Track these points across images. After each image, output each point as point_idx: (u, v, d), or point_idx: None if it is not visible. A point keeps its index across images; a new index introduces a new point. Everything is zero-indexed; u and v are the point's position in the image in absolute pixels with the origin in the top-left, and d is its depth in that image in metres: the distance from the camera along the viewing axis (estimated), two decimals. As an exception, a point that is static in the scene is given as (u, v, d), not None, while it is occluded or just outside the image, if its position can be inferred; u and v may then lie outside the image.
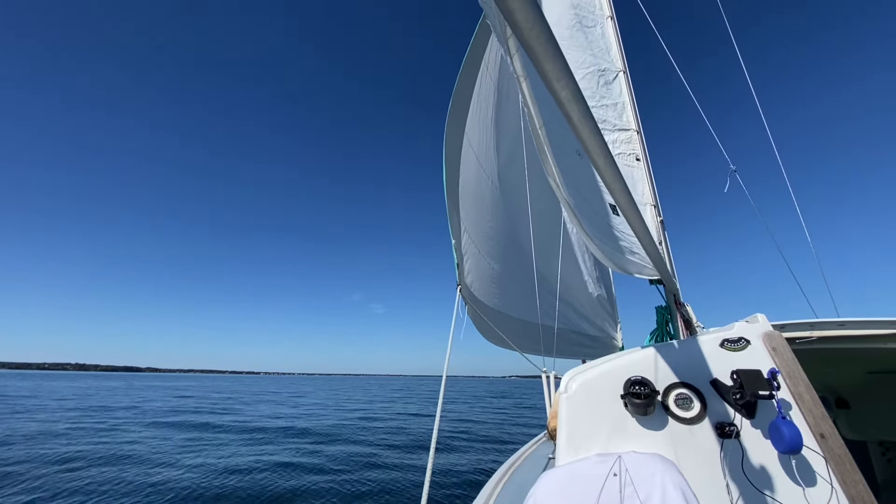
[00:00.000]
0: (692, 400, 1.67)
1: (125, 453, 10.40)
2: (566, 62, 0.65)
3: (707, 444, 1.60)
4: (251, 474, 8.67)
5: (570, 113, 0.75)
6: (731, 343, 1.82)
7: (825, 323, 2.15)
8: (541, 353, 5.45)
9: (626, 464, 1.43)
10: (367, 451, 11.74)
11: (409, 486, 8.14)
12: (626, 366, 1.80)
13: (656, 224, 2.93)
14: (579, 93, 0.71)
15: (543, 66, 0.64)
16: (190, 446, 11.75)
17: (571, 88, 0.69)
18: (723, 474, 1.53)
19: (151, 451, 10.80)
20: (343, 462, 10.11)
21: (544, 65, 0.63)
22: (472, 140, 5.10)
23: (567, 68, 0.66)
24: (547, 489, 1.41)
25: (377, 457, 10.91)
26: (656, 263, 2.16)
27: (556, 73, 0.66)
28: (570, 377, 1.84)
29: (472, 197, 5.23)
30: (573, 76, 0.68)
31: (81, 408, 22.55)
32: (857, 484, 1.46)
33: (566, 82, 0.68)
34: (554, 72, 0.65)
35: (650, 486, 1.32)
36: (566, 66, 0.65)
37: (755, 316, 1.98)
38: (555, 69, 0.65)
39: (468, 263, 5.21)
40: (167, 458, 10.09)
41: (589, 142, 0.86)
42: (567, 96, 0.71)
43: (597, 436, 1.67)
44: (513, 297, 5.73)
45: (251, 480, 8.21)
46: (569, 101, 0.72)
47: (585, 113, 0.76)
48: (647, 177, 3.04)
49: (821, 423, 1.59)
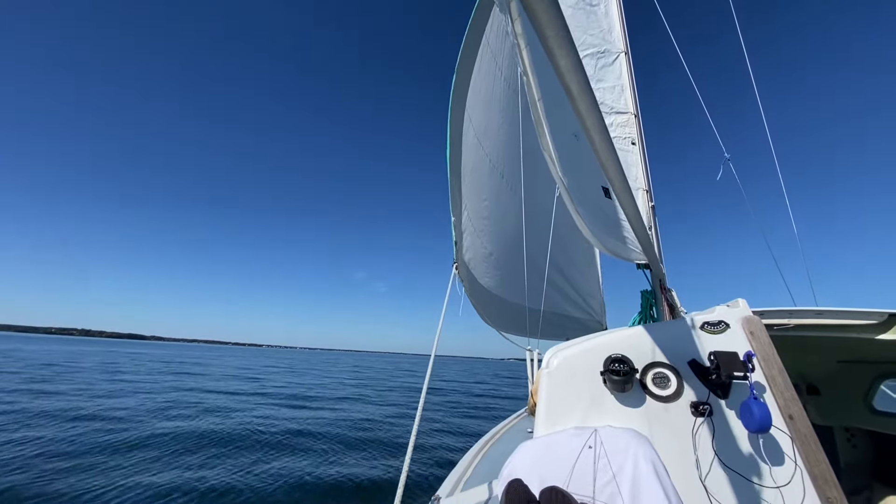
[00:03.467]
0: (669, 379, 1.73)
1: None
2: (568, 30, 0.64)
3: (681, 422, 1.66)
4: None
5: (570, 84, 0.74)
6: (710, 326, 1.87)
7: (803, 311, 2.22)
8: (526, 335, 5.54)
9: (601, 437, 1.48)
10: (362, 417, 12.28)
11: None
12: (608, 344, 1.85)
13: (647, 209, 2.95)
14: (580, 63, 0.70)
15: (545, 32, 0.62)
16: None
17: (572, 58, 0.68)
18: (693, 450, 1.59)
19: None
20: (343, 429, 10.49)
21: (546, 30, 0.62)
22: (472, 117, 5.04)
23: (569, 36, 0.65)
24: (524, 459, 1.46)
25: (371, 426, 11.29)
26: (645, 248, 2.18)
27: (557, 39, 0.64)
28: (553, 353, 1.88)
29: (470, 175, 5.20)
30: (574, 45, 0.67)
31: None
32: (820, 463, 1.53)
33: (567, 50, 0.67)
34: (556, 38, 0.64)
35: (623, 459, 1.37)
36: (568, 33, 0.64)
37: (736, 301, 2.03)
38: (557, 36, 0.64)
39: (466, 241, 5.22)
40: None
41: (587, 116, 0.86)
42: (567, 66, 0.70)
43: (575, 410, 1.72)
44: (504, 278, 5.77)
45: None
46: (568, 72, 0.71)
47: (585, 85, 0.75)
48: (641, 161, 3.04)
49: (790, 405, 1.66)
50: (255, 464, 7.35)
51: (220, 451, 7.99)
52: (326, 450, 8.66)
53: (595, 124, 0.91)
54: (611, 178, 1.24)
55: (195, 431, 9.32)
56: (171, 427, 9.60)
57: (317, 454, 8.29)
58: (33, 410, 10.66)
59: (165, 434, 8.87)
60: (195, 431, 9.32)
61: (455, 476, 2.46)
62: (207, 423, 10.34)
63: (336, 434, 10.14)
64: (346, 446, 9.07)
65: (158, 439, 8.46)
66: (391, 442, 9.74)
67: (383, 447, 9.24)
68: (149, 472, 6.52)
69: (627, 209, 1.45)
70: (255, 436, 9.39)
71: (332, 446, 8.99)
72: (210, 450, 8.00)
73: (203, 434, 9.13)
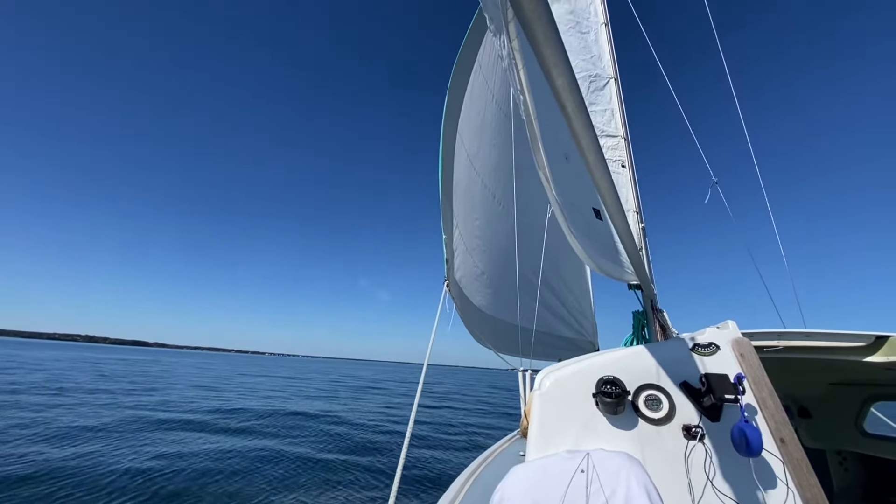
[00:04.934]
0: (661, 401, 1.71)
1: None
2: (564, 48, 0.65)
3: (673, 445, 1.63)
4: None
5: (566, 103, 0.75)
6: (701, 348, 1.87)
7: (792, 333, 2.23)
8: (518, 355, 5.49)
9: (593, 461, 1.45)
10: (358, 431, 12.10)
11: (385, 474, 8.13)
12: (600, 366, 1.83)
13: (638, 230, 2.98)
14: (575, 83, 0.72)
15: (542, 51, 0.64)
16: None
17: (568, 76, 0.69)
18: (686, 474, 1.57)
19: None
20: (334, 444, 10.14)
21: (543, 49, 0.63)
22: (464, 138, 5.12)
23: (565, 55, 0.66)
24: (515, 483, 1.42)
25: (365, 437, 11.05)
26: (636, 268, 2.19)
27: (554, 58, 0.66)
28: (545, 375, 1.86)
29: (462, 194, 5.25)
30: (570, 64, 0.68)
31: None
32: (812, 487, 1.51)
33: (563, 69, 0.68)
34: (552, 56, 0.65)
35: (615, 483, 1.34)
36: (564, 53, 0.65)
37: (726, 323, 2.04)
38: (553, 54, 0.65)
39: (457, 260, 5.22)
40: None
41: (581, 135, 0.87)
42: (563, 84, 0.71)
43: (567, 433, 1.69)
44: (496, 297, 5.76)
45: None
46: (564, 90, 0.72)
47: (580, 104, 0.76)
48: (631, 183, 3.09)
49: (782, 428, 1.65)
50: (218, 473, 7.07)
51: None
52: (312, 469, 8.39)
53: (589, 144, 0.92)
54: (604, 197, 1.25)
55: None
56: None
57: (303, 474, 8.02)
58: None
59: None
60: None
61: (446, 500, 2.39)
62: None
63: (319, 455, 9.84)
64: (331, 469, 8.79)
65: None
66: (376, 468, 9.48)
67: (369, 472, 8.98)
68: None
69: (619, 229, 1.46)
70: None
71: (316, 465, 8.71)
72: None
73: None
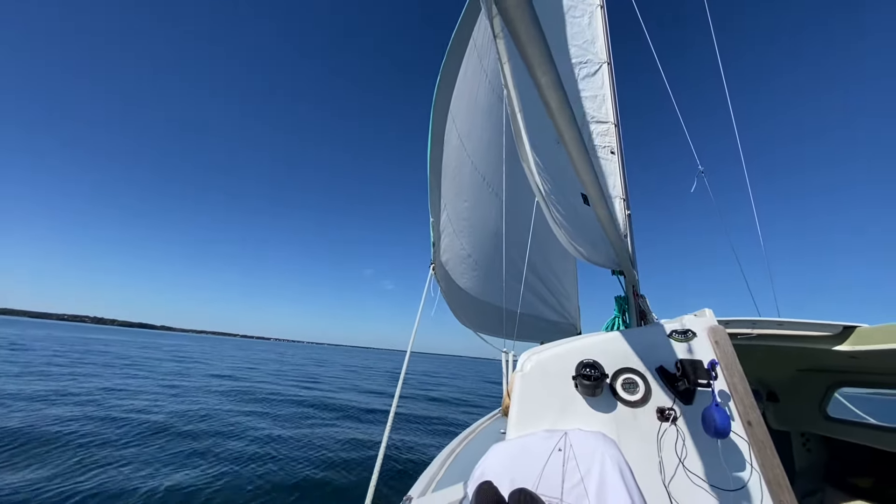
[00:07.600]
0: (638, 384, 1.79)
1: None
2: (549, 49, 0.66)
3: (647, 426, 1.72)
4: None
5: (549, 100, 0.76)
6: (678, 334, 1.94)
7: (765, 322, 2.32)
8: (502, 336, 5.60)
9: (570, 440, 1.52)
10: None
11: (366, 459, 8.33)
12: (580, 349, 1.90)
13: (623, 217, 3.02)
14: (559, 81, 0.73)
15: (526, 50, 0.65)
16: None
17: (552, 75, 0.70)
18: (658, 454, 1.66)
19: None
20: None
21: (527, 49, 0.64)
22: (456, 118, 5.05)
23: (549, 55, 0.67)
24: (495, 460, 1.49)
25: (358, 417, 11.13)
26: (620, 255, 2.24)
27: (537, 58, 0.67)
28: (527, 357, 1.92)
29: (451, 176, 5.20)
30: (554, 63, 0.69)
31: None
32: (774, 468, 1.62)
33: (547, 69, 0.69)
34: (536, 56, 0.66)
35: (591, 462, 1.42)
36: (548, 52, 0.67)
37: (703, 311, 2.11)
38: (536, 54, 0.66)
39: (444, 242, 5.23)
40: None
41: (565, 130, 0.89)
42: (547, 83, 0.72)
43: (547, 413, 1.76)
44: (481, 280, 5.82)
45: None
46: (548, 88, 0.73)
47: (563, 101, 0.78)
48: (619, 170, 3.11)
49: (749, 412, 1.74)
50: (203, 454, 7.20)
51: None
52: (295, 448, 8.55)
53: (573, 138, 0.94)
54: (587, 187, 1.28)
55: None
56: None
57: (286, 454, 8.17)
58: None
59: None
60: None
61: (427, 476, 2.48)
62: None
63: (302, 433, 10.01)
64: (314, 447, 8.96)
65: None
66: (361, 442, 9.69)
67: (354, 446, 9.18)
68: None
69: (603, 217, 1.50)
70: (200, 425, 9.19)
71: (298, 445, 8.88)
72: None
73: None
